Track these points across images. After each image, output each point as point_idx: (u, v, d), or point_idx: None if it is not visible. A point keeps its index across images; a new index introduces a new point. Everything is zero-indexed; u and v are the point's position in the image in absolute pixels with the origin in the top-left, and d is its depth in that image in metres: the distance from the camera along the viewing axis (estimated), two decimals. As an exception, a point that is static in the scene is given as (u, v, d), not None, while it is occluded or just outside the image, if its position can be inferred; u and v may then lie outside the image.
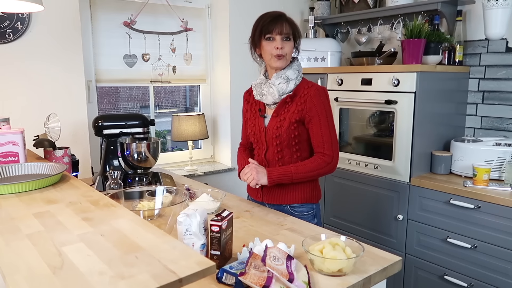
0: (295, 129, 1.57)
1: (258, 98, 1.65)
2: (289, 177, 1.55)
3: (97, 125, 1.90)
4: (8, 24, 2.10)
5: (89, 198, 1.10)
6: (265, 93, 1.61)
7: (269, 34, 1.53)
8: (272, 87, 1.58)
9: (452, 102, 2.37)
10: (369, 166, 2.39)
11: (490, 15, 2.19)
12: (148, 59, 2.74)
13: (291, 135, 1.58)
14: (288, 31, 1.54)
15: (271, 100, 1.60)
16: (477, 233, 1.95)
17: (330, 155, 1.56)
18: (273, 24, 1.53)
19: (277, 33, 1.53)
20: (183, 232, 1.09)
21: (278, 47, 1.52)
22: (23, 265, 0.71)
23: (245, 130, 1.79)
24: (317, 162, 1.56)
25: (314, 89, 1.57)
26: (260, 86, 1.64)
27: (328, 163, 1.56)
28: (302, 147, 1.61)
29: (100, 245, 0.79)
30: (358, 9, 2.85)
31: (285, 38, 1.54)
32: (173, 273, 0.67)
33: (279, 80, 1.57)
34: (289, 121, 1.56)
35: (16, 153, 1.40)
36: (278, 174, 1.55)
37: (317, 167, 1.55)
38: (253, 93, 1.68)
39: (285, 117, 1.58)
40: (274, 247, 1.10)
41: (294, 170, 1.55)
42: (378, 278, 1.12)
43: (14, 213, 0.98)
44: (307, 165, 1.56)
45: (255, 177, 1.54)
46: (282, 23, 1.53)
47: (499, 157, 2.05)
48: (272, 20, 1.53)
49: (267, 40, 1.54)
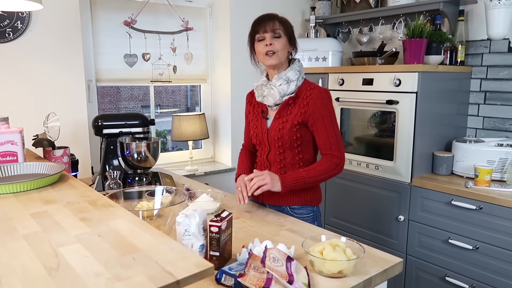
0: (297, 131, 1.56)
1: (260, 99, 1.65)
2: (302, 182, 1.53)
3: (96, 125, 1.89)
4: (8, 23, 2.10)
5: (87, 198, 1.09)
6: (266, 95, 1.61)
7: (257, 34, 1.55)
8: (273, 88, 1.58)
9: (454, 103, 2.36)
10: (370, 166, 2.38)
11: (493, 15, 2.17)
12: (148, 59, 2.73)
13: (293, 137, 1.57)
14: (276, 27, 1.53)
15: (272, 101, 1.59)
16: (478, 234, 1.94)
17: (339, 156, 1.55)
18: (260, 23, 1.54)
19: (264, 31, 1.53)
20: (182, 232, 1.08)
21: (267, 44, 1.52)
22: (19, 266, 0.70)
23: (248, 132, 1.79)
24: (327, 165, 1.55)
25: (317, 91, 1.56)
26: (261, 88, 1.64)
27: (338, 164, 1.55)
28: (304, 149, 1.60)
29: (97, 246, 0.78)
30: (360, 9, 2.84)
31: (275, 36, 1.53)
32: (170, 275, 0.66)
33: (280, 81, 1.57)
34: (291, 123, 1.56)
35: (15, 152, 1.39)
36: (292, 180, 1.52)
37: (328, 169, 1.54)
38: (255, 94, 1.68)
39: (288, 119, 1.57)
40: (273, 248, 1.09)
41: (306, 175, 1.53)
42: (378, 279, 1.11)
43: (11, 213, 0.97)
44: (318, 168, 1.54)
45: (269, 182, 1.48)
46: (270, 22, 1.53)
47: (501, 158, 2.04)
48: (260, 20, 1.55)
49: (259, 42, 1.56)
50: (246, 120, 1.79)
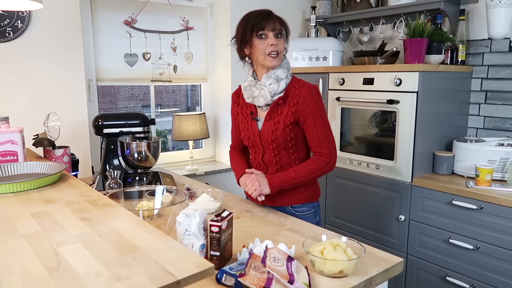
0: (290, 131, 1.55)
1: (249, 101, 1.60)
2: (290, 183, 1.53)
3: (97, 124, 1.89)
4: (8, 22, 2.10)
5: (88, 197, 1.09)
6: (256, 95, 1.56)
7: (261, 31, 1.49)
8: (263, 88, 1.53)
9: (454, 102, 2.35)
10: (370, 166, 2.38)
11: (493, 14, 2.17)
12: (148, 58, 2.73)
13: (287, 137, 1.55)
14: (279, 27, 1.51)
15: (263, 102, 1.56)
16: (479, 234, 1.94)
17: (328, 154, 1.54)
18: (265, 20, 1.49)
19: (270, 29, 1.49)
20: (182, 232, 1.08)
21: (273, 44, 1.49)
22: (19, 266, 0.70)
23: (236, 133, 1.76)
24: (316, 164, 1.54)
25: (306, 88, 1.53)
26: (251, 89, 1.58)
27: (327, 163, 1.54)
28: (299, 148, 1.59)
29: (98, 246, 0.78)
30: (360, 8, 2.84)
31: (278, 35, 1.51)
32: (170, 275, 0.66)
33: (269, 80, 1.53)
34: (283, 124, 1.54)
35: (15, 152, 1.39)
36: (279, 181, 1.53)
37: (317, 169, 1.54)
38: (244, 95, 1.63)
39: (279, 119, 1.55)
40: (274, 248, 1.09)
41: (295, 175, 1.53)
42: (379, 279, 1.11)
43: (12, 213, 0.97)
44: (307, 168, 1.54)
45: (258, 188, 1.52)
46: (274, 20, 1.50)
47: (502, 158, 2.03)
48: (264, 17, 1.50)
49: (259, 39, 1.50)
50: (234, 121, 1.75)
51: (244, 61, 1.62)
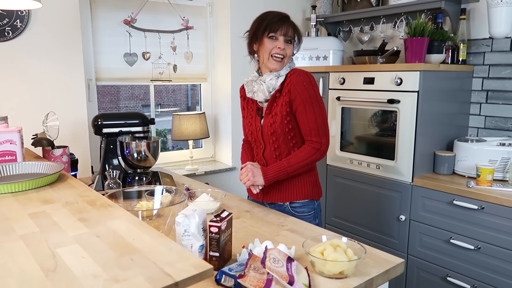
0: (288, 122, 1.55)
1: (250, 95, 1.63)
2: (284, 172, 1.54)
3: (96, 124, 1.88)
4: (8, 22, 2.09)
5: (86, 198, 1.09)
6: (256, 90, 1.60)
7: (273, 33, 1.53)
8: (262, 83, 1.57)
9: (455, 102, 2.34)
10: (371, 166, 2.37)
11: (495, 14, 2.16)
12: (148, 58, 2.72)
13: (285, 129, 1.56)
14: (292, 34, 1.55)
15: (262, 97, 1.59)
16: (480, 234, 1.93)
17: (319, 142, 1.54)
18: (280, 24, 1.53)
19: (282, 34, 1.53)
20: (181, 233, 1.07)
21: (280, 47, 1.52)
22: (16, 267, 0.69)
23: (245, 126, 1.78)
24: (306, 150, 1.54)
25: (296, 75, 1.55)
26: (252, 84, 1.63)
27: (318, 149, 1.54)
28: (298, 140, 1.60)
29: (95, 247, 0.77)
30: (361, 8, 2.83)
31: (288, 41, 1.55)
32: (169, 276, 0.65)
33: (270, 76, 1.57)
34: (280, 116, 1.55)
35: (14, 152, 1.38)
36: (273, 172, 1.55)
37: (308, 155, 1.54)
38: (245, 90, 1.67)
39: (276, 111, 1.56)
40: (274, 249, 1.08)
41: (287, 164, 1.54)
42: (380, 280, 1.10)
43: (9, 213, 0.96)
44: (298, 155, 1.55)
45: (251, 179, 1.54)
46: (288, 26, 1.54)
47: (503, 157, 2.03)
48: (279, 20, 1.54)
49: (269, 38, 1.54)
50: (242, 114, 1.78)
51: (252, 57, 1.66)
